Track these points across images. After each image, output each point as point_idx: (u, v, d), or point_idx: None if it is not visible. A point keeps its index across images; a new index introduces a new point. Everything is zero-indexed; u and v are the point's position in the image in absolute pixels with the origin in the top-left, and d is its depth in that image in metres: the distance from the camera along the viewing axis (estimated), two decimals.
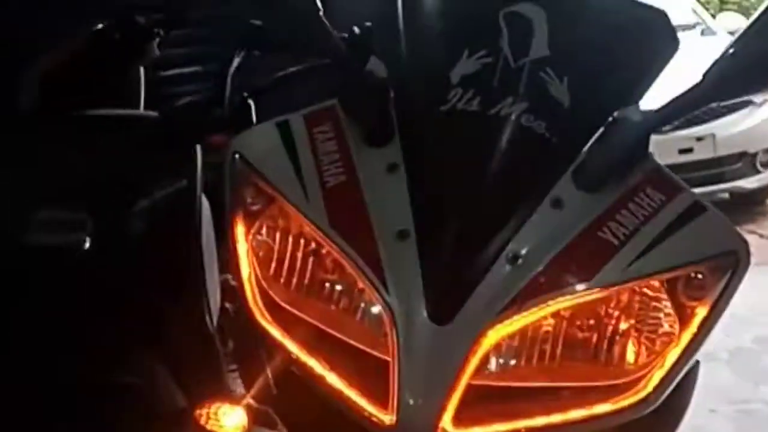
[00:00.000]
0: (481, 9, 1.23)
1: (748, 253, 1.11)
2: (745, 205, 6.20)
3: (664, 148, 5.35)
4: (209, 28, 2.08)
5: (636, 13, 1.28)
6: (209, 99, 1.81)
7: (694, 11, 7.04)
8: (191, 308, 2.33)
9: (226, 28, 1.46)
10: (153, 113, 2.23)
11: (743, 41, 1.11)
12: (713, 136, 5.71)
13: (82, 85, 2.30)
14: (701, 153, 5.77)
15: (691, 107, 1.13)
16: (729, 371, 3.54)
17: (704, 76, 1.10)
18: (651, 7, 1.29)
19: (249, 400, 1.50)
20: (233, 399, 1.53)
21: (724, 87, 1.12)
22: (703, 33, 6.57)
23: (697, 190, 1.17)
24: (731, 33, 6.43)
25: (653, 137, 1.17)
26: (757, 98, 5.42)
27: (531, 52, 1.17)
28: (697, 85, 1.11)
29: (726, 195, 6.25)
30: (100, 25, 2.56)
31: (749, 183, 6.01)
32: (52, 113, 2.12)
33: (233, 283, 2.90)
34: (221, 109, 1.76)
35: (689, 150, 5.72)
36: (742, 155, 5.90)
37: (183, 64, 2.47)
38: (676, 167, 4.72)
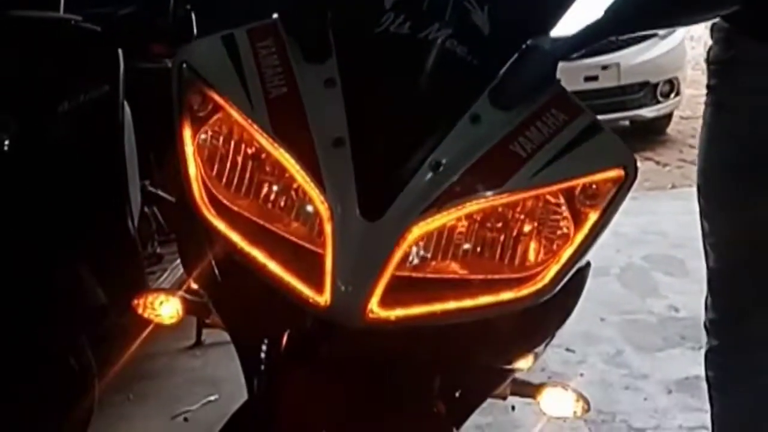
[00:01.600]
0: None
1: (635, 168, 1.26)
2: (645, 133, 6.47)
3: (571, 75, 5.48)
4: None
5: None
6: (153, 9, 1.85)
7: None
8: (113, 211, 2.39)
9: None
10: (74, 16, 2.22)
11: None
12: (618, 65, 5.87)
13: None
14: (606, 81, 5.93)
15: (593, 39, 1.27)
16: (619, 285, 3.74)
17: (606, 11, 1.24)
18: None
19: (182, 292, 1.62)
20: (168, 291, 1.64)
21: (622, 22, 1.26)
22: None
23: (600, 117, 1.30)
24: None
25: (561, 64, 1.30)
26: (661, 30, 5.58)
27: None
28: (599, 20, 1.25)
29: (627, 123, 6.50)
30: None
31: (649, 112, 6.24)
32: None
33: (151, 189, 2.97)
34: (164, 19, 1.80)
35: (595, 78, 5.87)
36: (644, 85, 6.11)
37: None
38: (581, 94, 4.90)
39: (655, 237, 4.28)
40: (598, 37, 1.27)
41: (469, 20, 1.28)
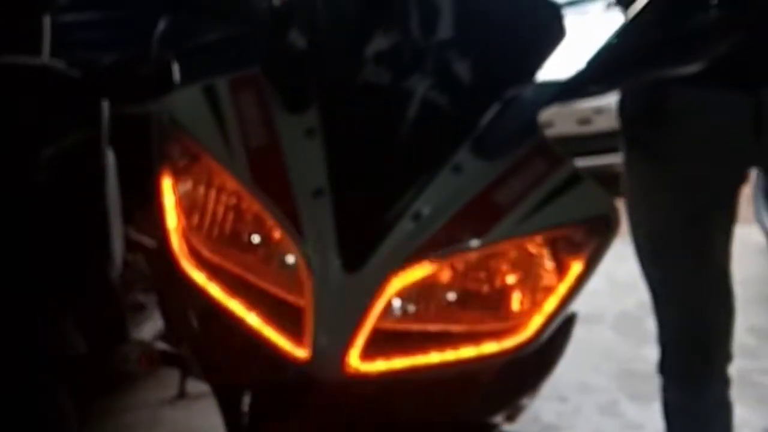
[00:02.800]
0: None
1: (617, 218, 1.26)
2: None
3: (564, 119, 5.52)
4: None
5: (531, 4, 1.42)
6: (135, 58, 1.86)
7: None
8: (94, 258, 2.37)
9: None
10: (58, 62, 2.23)
11: (624, 32, 1.24)
12: (611, 109, 5.88)
13: None
14: (599, 124, 5.93)
15: (575, 91, 1.27)
16: (613, 333, 3.69)
17: (588, 63, 1.25)
18: (545, 0, 1.43)
19: (162, 343, 1.60)
20: (147, 342, 1.63)
21: (604, 74, 1.26)
22: (608, 6, 6.72)
23: (594, 160, 1.31)
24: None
25: (554, 107, 1.31)
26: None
27: (438, 33, 1.30)
28: (581, 71, 1.25)
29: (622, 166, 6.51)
30: None
31: None
32: None
33: (134, 235, 2.95)
34: (146, 68, 1.82)
35: (588, 121, 5.90)
36: None
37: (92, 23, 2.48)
38: (575, 137, 4.91)
39: None
40: (581, 88, 1.27)
41: (450, 70, 1.30)
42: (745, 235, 4.83)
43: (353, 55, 1.30)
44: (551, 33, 1.40)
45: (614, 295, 4.02)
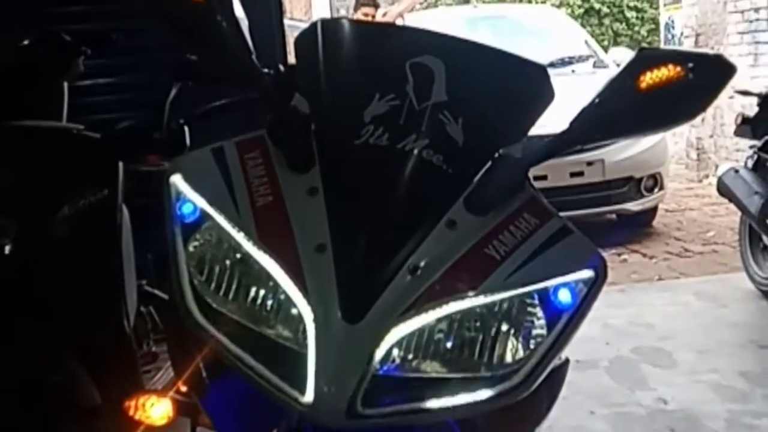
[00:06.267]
0: (391, 58, 1.44)
1: (605, 269, 1.32)
2: (632, 226, 6.55)
3: (557, 171, 5.63)
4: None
5: (520, 68, 1.49)
6: (149, 123, 1.94)
7: (587, 43, 7.35)
8: (109, 311, 2.43)
9: (166, 61, 1.60)
10: (76, 125, 2.32)
11: (605, 95, 1.32)
12: (602, 161, 5.97)
13: (8, 97, 2.39)
14: (591, 176, 6.04)
15: (561, 149, 1.34)
16: (608, 377, 3.74)
17: (571, 123, 1.33)
18: (533, 63, 1.50)
19: (173, 393, 1.65)
20: (159, 392, 1.68)
21: (587, 132, 1.34)
22: (595, 65, 6.86)
23: (586, 211, 1.37)
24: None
25: (548, 162, 1.37)
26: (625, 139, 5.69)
27: (432, 97, 1.37)
28: (565, 131, 1.33)
29: (613, 216, 6.61)
30: (26, 41, 2.66)
31: (635, 205, 6.33)
32: None
33: (147, 288, 3.02)
34: (159, 133, 1.90)
35: (580, 173, 5.98)
36: (629, 180, 6.20)
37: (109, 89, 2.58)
38: (567, 189, 5.05)
39: (642, 329, 4.32)
40: (566, 147, 1.34)
41: (444, 131, 1.36)
42: (735, 282, 4.91)
43: (353, 118, 1.36)
44: (540, 94, 1.47)
45: (609, 341, 4.08)
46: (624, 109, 1.31)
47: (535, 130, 1.46)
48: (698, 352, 3.95)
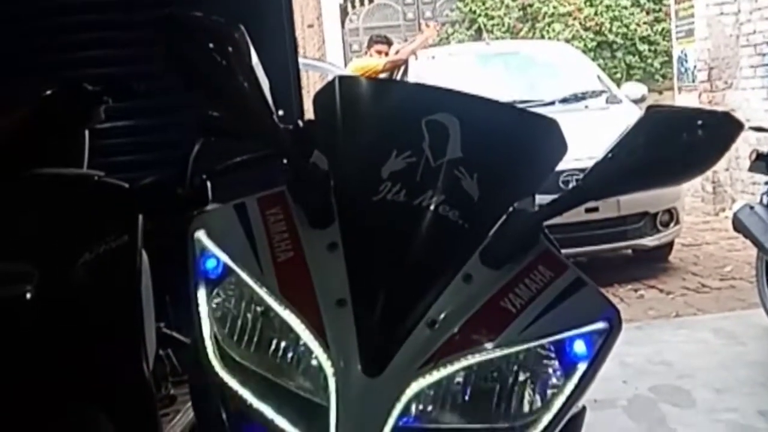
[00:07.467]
0: (407, 116, 1.47)
1: (620, 321, 1.35)
2: (648, 261, 6.53)
3: None
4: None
5: (532, 123, 1.54)
6: (173, 178, 1.99)
7: (600, 79, 7.36)
8: (129, 355, 2.46)
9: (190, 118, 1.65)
10: (98, 172, 2.36)
11: (616, 151, 1.36)
12: (616, 198, 6.00)
13: (31, 146, 2.44)
14: (606, 212, 6.02)
15: (574, 204, 1.37)
16: (626, 417, 3.73)
17: (584, 178, 1.36)
18: (545, 118, 1.54)
19: None
20: None
21: (600, 189, 1.37)
22: (608, 101, 6.87)
23: (601, 247, 1.38)
24: (634, 101, 6.80)
25: None
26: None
27: (447, 154, 1.41)
28: (578, 185, 1.37)
29: (629, 251, 6.60)
30: (49, 92, 2.72)
31: (650, 241, 6.31)
32: (1, 172, 2.26)
33: (166, 330, 3.05)
34: (182, 188, 1.94)
35: (595, 209, 5.96)
36: (644, 215, 6.19)
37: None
38: (583, 224, 5.06)
39: (660, 367, 4.30)
40: (579, 202, 1.37)
41: (459, 187, 1.39)
42: (753, 318, 4.89)
43: (371, 175, 1.39)
44: (553, 147, 1.51)
45: (626, 379, 4.07)
46: (635, 165, 1.34)
47: None
48: (717, 391, 3.93)
